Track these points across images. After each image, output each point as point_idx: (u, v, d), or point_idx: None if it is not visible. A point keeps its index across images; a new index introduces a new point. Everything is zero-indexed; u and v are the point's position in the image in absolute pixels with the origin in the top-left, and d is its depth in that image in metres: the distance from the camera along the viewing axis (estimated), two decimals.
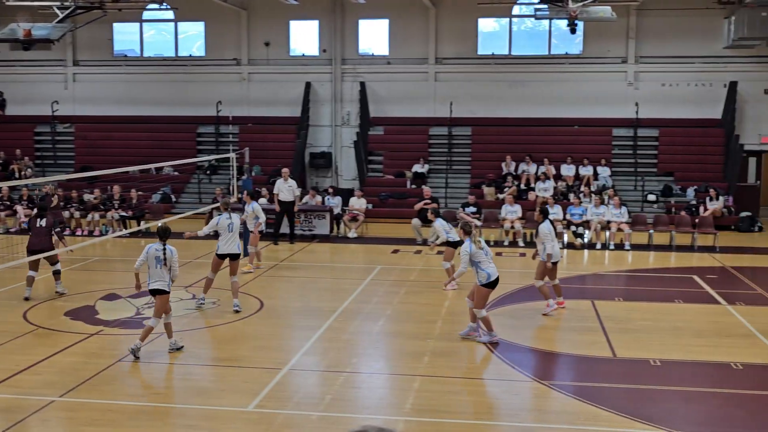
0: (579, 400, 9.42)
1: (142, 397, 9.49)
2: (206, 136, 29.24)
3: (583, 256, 20.01)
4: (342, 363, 10.84)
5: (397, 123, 28.48)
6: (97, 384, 9.86)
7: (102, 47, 29.98)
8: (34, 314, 13.23)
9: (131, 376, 10.36)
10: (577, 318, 13.33)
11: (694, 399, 9.66)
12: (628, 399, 9.52)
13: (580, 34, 26.59)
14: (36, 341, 11.70)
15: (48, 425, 8.73)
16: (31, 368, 10.39)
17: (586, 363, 11.10)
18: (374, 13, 28.21)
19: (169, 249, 11.21)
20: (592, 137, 27.22)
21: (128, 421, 8.73)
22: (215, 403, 9.24)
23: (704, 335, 12.42)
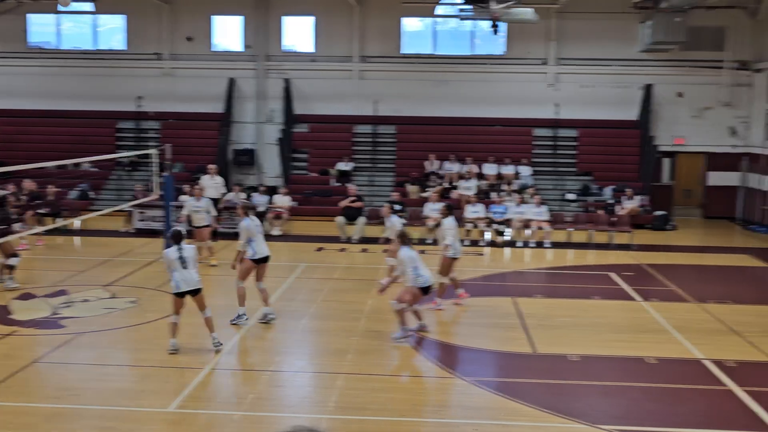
0: (500, 396, 9.57)
1: (58, 399, 9.24)
2: (126, 132, 28.60)
3: (504, 254, 20.32)
4: (265, 362, 10.77)
5: (321, 120, 28.39)
6: (11, 386, 9.56)
7: (16, 38, 28.98)
8: None
9: (47, 377, 10.08)
10: (499, 315, 13.53)
11: (612, 393, 9.92)
12: (549, 394, 9.72)
13: (503, 35, 27.00)
14: None
15: None
16: None
17: (507, 359, 11.29)
18: (299, 9, 28.07)
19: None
20: (514, 137, 27.67)
21: (44, 424, 8.50)
22: (135, 404, 9.07)
23: (621, 331, 12.77)
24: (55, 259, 17.92)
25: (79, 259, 18.07)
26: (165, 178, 18.94)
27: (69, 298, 14.06)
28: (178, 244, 10.86)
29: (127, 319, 12.83)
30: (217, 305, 14.14)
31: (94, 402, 9.17)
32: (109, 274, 16.04)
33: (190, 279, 10.83)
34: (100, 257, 18.14)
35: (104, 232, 21.76)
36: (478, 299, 14.74)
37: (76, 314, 12.95)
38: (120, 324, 12.58)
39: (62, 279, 15.63)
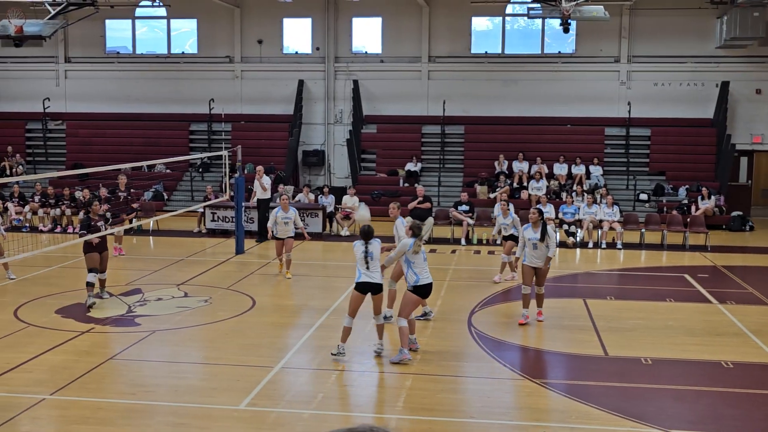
0: (570, 398, 9.43)
1: (132, 395, 9.46)
2: (199, 134, 29.17)
3: (575, 255, 20.04)
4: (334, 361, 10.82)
5: (390, 121, 28.47)
6: (88, 382, 9.83)
7: (94, 44, 29.86)
8: (25, 312, 13.18)
9: (122, 374, 10.33)
10: (569, 317, 13.35)
11: (685, 397, 9.68)
12: (620, 397, 9.54)
13: (573, 33, 26.64)
14: (27, 339, 11.65)
15: (38, 423, 8.70)
16: (22, 366, 10.35)
17: (578, 361, 11.12)
18: (368, 11, 28.20)
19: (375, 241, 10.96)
20: (585, 136, 27.26)
21: (119, 420, 8.71)
22: (207, 402, 9.22)
23: (696, 334, 12.45)
24: (130, 259, 18.37)
25: (153, 259, 18.49)
26: (236, 179, 19.25)
27: (144, 296, 14.40)
28: (366, 240, 10.76)
29: (200, 318, 13.06)
30: (288, 305, 14.31)
31: (167, 399, 9.35)
32: (182, 274, 16.36)
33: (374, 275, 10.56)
34: (174, 257, 18.52)
35: (177, 232, 22.21)
36: (548, 301, 14.54)
37: (151, 312, 13.24)
38: (192, 322, 12.82)
39: (137, 278, 16.01)
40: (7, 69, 30.11)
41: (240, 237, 19.07)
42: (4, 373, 10.04)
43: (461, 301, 14.34)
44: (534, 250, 12.70)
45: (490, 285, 15.61)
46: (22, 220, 22.97)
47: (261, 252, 19.46)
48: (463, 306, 13.89)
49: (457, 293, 15.08)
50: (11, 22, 21.19)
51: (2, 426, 8.44)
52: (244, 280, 15.94)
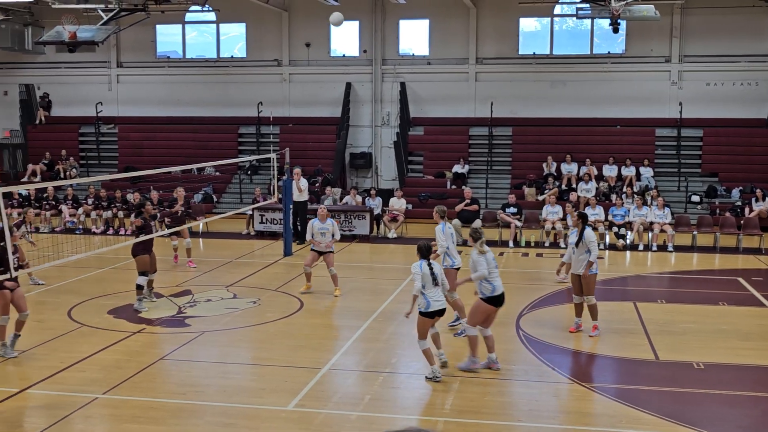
0: (620, 403, 9.31)
1: (182, 395, 9.58)
2: (247, 137, 29.46)
3: (625, 257, 19.77)
4: (381, 363, 10.83)
5: (437, 123, 28.43)
6: (139, 382, 9.98)
7: (145, 49, 30.37)
8: (78, 312, 13.44)
9: (173, 374, 10.46)
10: (619, 320, 13.17)
11: (739, 403, 9.48)
12: (671, 402, 9.38)
13: (622, 33, 26.30)
14: (80, 339, 11.88)
15: (91, 422, 8.85)
16: (75, 365, 10.56)
17: (628, 365, 10.97)
18: (415, 13, 28.18)
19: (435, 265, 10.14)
20: (635, 137, 26.88)
21: (169, 419, 8.83)
22: (255, 402, 9.30)
23: (750, 338, 12.19)
24: (180, 260, 18.60)
25: (202, 260, 18.70)
26: (284, 181, 19.39)
27: (193, 298, 14.58)
28: (426, 259, 10.02)
29: (248, 319, 13.18)
30: (335, 306, 14.36)
31: (216, 399, 9.45)
32: (231, 275, 16.53)
33: (440, 297, 9.95)
34: (223, 259, 18.72)
35: (226, 234, 22.44)
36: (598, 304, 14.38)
37: (200, 313, 13.41)
38: (241, 324, 12.94)
39: (187, 279, 16.22)
40: (62, 74, 30.75)
41: (288, 239, 19.20)
42: (59, 372, 10.25)
43: (509, 303, 14.17)
44: (573, 255, 12.25)
45: (539, 287, 15.47)
46: (75, 222, 23.43)
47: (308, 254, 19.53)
48: (511, 309, 13.77)
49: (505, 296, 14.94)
50: (65, 28, 21.65)
51: (56, 424, 8.62)
52: (292, 281, 16.04)
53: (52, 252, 17.27)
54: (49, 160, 28.93)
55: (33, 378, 10.06)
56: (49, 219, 23.50)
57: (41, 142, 29.84)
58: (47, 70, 30.78)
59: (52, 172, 28.32)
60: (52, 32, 22.47)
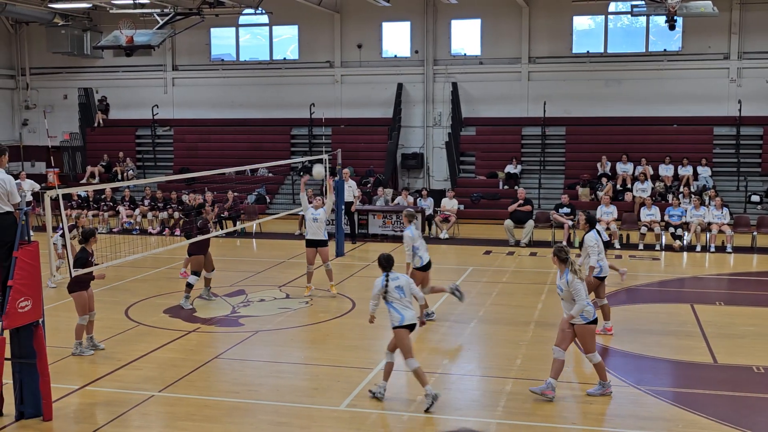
0: (677, 407, 9.14)
1: (236, 393, 9.68)
2: (300, 138, 29.66)
3: (682, 258, 19.41)
4: (433, 364, 10.80)
5: (489, 123, 28.26)
6: (194, 380, 10.12)
7: (200, 52, 30.78)
8: (135, 311, 13.68)
9: (227, 373, 10.58)
10: (676, 322, 12.93)
11: None
12: (730, 407, 9.18)
13: (679, 30, 25.82)
14: (137, 337, 12.09)
15: (147, 419, 9.00)
16: (133, 363, 10.75)
17: (685, 368, 10.76)
18: (466, 13, 28.06)
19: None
20: (692, 136, 26.36)
21: (223, 417, 8.93)
22: (308, 402, 9.35)
23: None
24: (234, 261, 18.82)
25: (256, 261, 18.88)
26: (336, 182, 19.48)
27: (247, 297, 14.73)
28: (388, 271, 9.57)
29: (301, 319, 13.27)
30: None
31: (269, 398, 9.53)
32: (283, 276, 16.66)
33: (410, 312, 9.42)
34: (276, 259, 18.87)
35: (279, 234, 22.61)
36: (653, 306, 14.17)
37: (254, 313, 13.54)
38: (293, 323, 13.03)
39: (241, 279, 16.39)
40: (119, 78, 31.36)
41: (340, 239, 19.29)
42: (116, 370, 10.45)
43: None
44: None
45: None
46: (132, 223, 23.86)
47: (361, 254, 19.62)
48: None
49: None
50: (122, 33, 22.08)
51: (114, 421, 8.78)
52: (344, 282, 16.10)
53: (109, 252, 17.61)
54: (107, 162, 29.51)
55: (92, 375, 10.27)
56: (106, 220, 23.97)
57: (99, 144, 30.46)
58: (105, 74, 31.42)
59: (109, 173, 28.88)
60: (110, 37, 22.94)
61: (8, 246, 8.45)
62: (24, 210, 8.62)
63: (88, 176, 29.02)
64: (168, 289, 15.28)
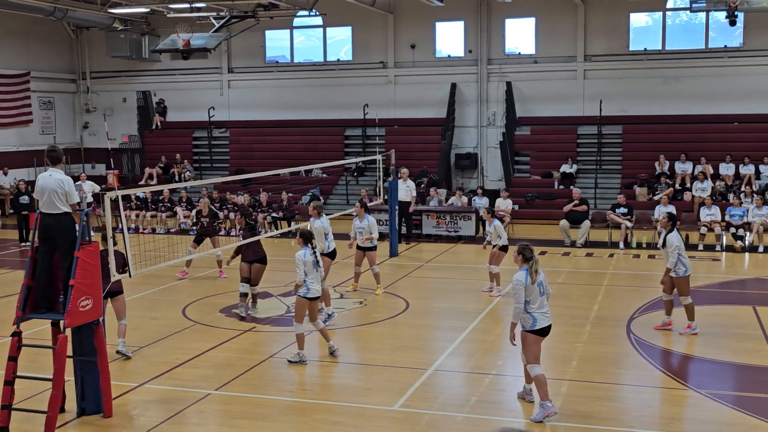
0: (738, 411, 8.93)
1: (291, 392, 9.75)
2: (353, 139, 29.76)
3: (743, 259, 18.96)
4: (487, 365, 10.73)
5: (544, 123, 28.00)
6: (250, 379, 10.22)
7: (255, 54, 31.10)
8: (192, 311, 13.88)
9: (282, 372, 10.66)
10: (738, 325, 12.64)
11: None
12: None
13: (740, 25, 25.22)
14: (194, 336, 12.26)
15: (204, 416, 9.12)
16: (189, 362, 10.90)
17: (746, 372, 10.50)
18: (520, 11, 27.83)
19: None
20: (754, 134, 25.73)
21: (278, 416, 9.00)
22: (362, 401, 9.37)
23: None
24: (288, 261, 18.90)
25: None
26: (390, 182, 19.50)
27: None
28: (309, 246, 10.70)
29: (355, 319, 13.31)
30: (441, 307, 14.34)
31: (323, 397, 9.58)
32: (337, 276, 16.70)
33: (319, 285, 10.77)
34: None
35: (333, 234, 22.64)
36: (714, 307, 13.87)
37: None
38: (348, 323, 13.07)
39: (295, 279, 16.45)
40: (176, 81, 31.86)
41: (393, 240, 19.30)
42: (174, 368, 10.61)
43: (619, 306, 13.89)
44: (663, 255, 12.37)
45: (650, 290, 14.99)
46: (189, 224, 24.20)
47: (414, 255, 19.60)
48: (622, 311, 13.44)
49: (616, 298, 14.62)
50: (179, 37, 22.43)
51: (172, 418, 8.92)
52: (398, 282, 16.10)
53: (167, 252, 17.90)
54: (165, 163, 29.99)
55: (150, 373, 10.44)
56: (165, 220, 24.35)
57: (157, 146, 30.98)
58: (163, 77, 31.95)
59: (167, 175, 29.34)
60: (167, 40, 23.32)
61: (67, 245, 8.62)
62: (85, 211, 8.80)
63: (147, 178, 29.54)
64: (223, 289, 15.46)
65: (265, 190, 23.24)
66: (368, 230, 15.00)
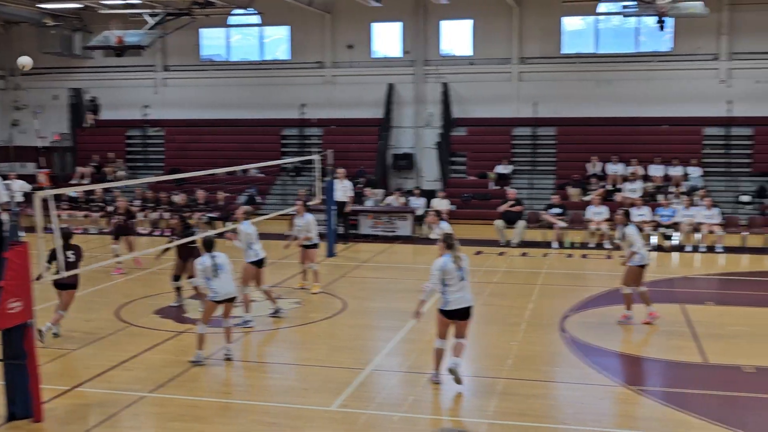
0: (668, 406, 9.16)
1: (227, 394, 9.66)
2: (291, 138, 29.62)
3: (672, 259, 19.48)
4: (424, 364, 10.79)
5: (480, 124, 28.30)
6: (185, 380, 10.09)
7: (190, 52, 30.71)
8: (126, 312, 13.64)
9: (218, 374, 10.55)
10: (666, 322, 12.96)
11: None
12: (720, 406, 9.22)
13: (669, 30, 25.91)
14: (127, 338, 12.05)
15: (138, 419, 8.98)
16: (123, 364, 10.72)
17: (676, 368, 10.80)
18: (457, 13, 28.08)
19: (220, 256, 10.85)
20: (682, 136, 26.46)
21: (214, 417, 8.91)
22: (299, 402, 9.34)
23: None
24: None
25: None
26: (327, 182, 19.47)
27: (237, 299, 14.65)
28: (210, 252, 10.82)
29: (292, 320, 13.25)
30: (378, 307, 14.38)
31: (259, 398, 9.52)
32: (274, 276, 16.60)
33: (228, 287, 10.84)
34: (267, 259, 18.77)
35: (270, 235, 22.48)
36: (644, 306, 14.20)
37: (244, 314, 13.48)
38: (285, 324, 13.00)
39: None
40: (109, 78, 31.25)
41: (331, 240, 19.27)
42: (107, 371, 10.41)
43: (553, 305, 14.13)
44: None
45: (583, 289, 15.31)
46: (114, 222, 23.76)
47: (351, 255, 19.61)
48: (555, 310, 13.67)
49: (550, 297, 14.87)
50: (113, 33, 22.04)
51: (105, 422, 8.75)
52: (335, 282, 16.09)
53: (99, 253, 17.58)
54: (97, 162, 29.41)
55: (82, 376, 10.23)
56: (97, 221, 23.87)
57: (90, 145, 30.36)
58: (95, 74, 31.31)
59: (100, 174, 28.77)
60: (100, 37, 22.89)
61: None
62: (14, 211, 8.57)
63: (79, 177, 28.92)
64: (158, 290, 15.23)
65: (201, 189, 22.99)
66: (305, 228, 15.04)
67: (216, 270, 10.69)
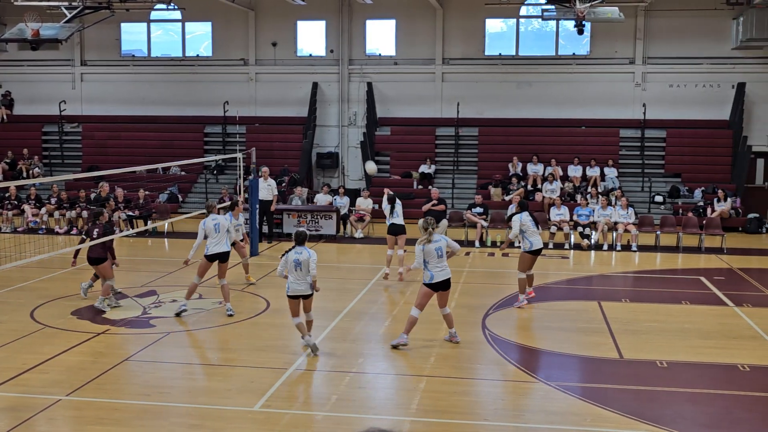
0: (585, 401, 9.40)
1: (147, 396, 9.50)
2: (213, 136, 29.28)
3: (589, 257, 19.97)
4: (348, 363, 10.83)
5: (403, 123, 28.49)
6: (104, 383, 9.88)
7: (110, 47, 30.05)
8: (41, 313, 13.27)
9: (137, 375, 10.37)
10: (584, 319, 13.31)
11: (700, 401, 9.63)
12: (635, 400, 9.50)
13: (587, 34, 26.58)
14: (43, 340, 11.73)
15: (54, 424, 8.75)
16: (38, 367, 10.42)
17: (592, 364, 11.08)
18: (381, 13, 28.22)
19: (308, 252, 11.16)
20: (600, 138, 27.18)
21: (134, 420, 8.75)
22: (221, 403, 9.25)
23: (711, 337, 12.39)
24: (145, 261, 18.44)
25: (168, 261, 18.55)
26: (250, 181, 19.31)
27: (159, 298, 14.46)
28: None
29: (214, 320, 13.11)
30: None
31: (181, 400, 9.39)
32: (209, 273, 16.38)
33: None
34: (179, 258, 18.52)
35: (192, 234, 22.17)
36: (562, 303, 14.54)
37: (166, 314, 13.29)
38: (207, 324, 12.86)
39: (152, 280, 16.08)
40: (24, 72, 30.34)
41: (254, 239, 19.12)
42: (21, 374, 10.11)
43: (475, 303, 14.34)
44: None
45: (504, 287, 15.57)
46: (38, 222, 23.13)
47: (275, 254, 19.49)
48: (477, 308, 13.87)
49: (471, 295, 15.07)
50: (28, 26, 21.34)
51: (18, 427, 8.50)
52: (259, 282, 15.98)
53: (14, 252, 17.05)
54: (12, 159, 28.50)
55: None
56: (11, 219, 23.16)
57: (3, 141, 29.37)
58: (9, 68, 30.34)
59: (14, 171, 27.90)
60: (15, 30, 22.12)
61: None
62: None
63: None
64: (75, 290, 14.85)
65: (120, 187, 22.51)
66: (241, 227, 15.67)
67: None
